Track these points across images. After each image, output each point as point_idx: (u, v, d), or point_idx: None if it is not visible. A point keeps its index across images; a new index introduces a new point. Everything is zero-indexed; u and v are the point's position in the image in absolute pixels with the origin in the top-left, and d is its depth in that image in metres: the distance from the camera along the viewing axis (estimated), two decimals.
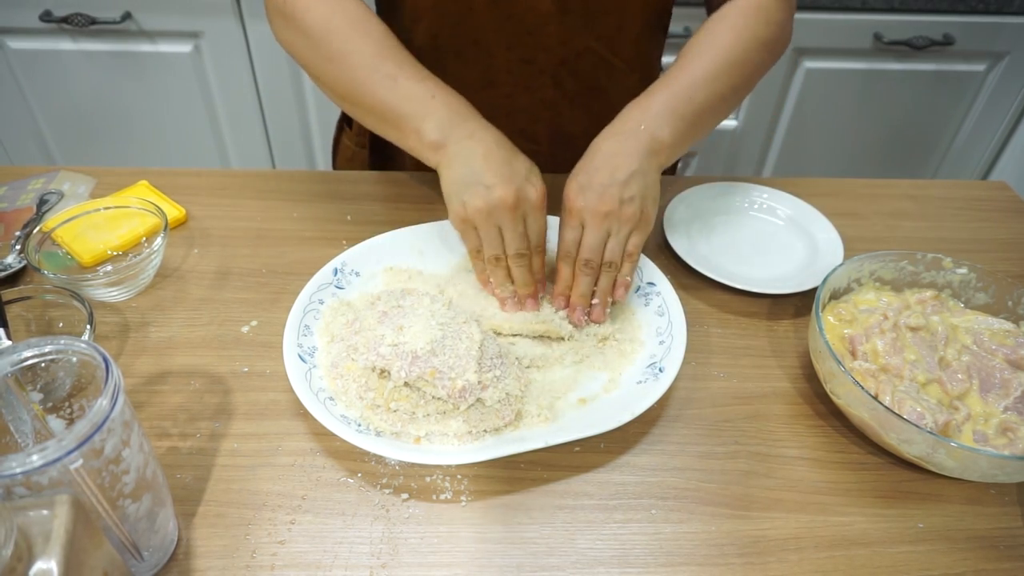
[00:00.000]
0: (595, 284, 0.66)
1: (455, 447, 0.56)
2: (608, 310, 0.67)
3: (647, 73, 0.89)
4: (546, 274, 0.70)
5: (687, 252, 0.75)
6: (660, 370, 0.61)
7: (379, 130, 0.72)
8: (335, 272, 0.69)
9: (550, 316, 0.66)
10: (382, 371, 0.57)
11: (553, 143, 0.89)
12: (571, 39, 0.80)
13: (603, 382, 0.62)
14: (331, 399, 0.58)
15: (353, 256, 0.71)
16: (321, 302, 0.66)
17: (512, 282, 0.67)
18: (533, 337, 0.66)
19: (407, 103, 0.67)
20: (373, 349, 0.57)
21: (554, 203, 0.68)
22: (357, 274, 0.70)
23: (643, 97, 0.69)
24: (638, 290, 0.70)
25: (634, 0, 0.79)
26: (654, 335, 0.65)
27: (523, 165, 0.66)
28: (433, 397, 0.56)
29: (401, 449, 0.54)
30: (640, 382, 0.61)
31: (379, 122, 0.70)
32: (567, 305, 0.67)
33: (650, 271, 0.70)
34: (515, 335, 0.66)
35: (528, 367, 0.62)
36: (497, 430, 0.57)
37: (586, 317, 0.67)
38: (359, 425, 0.56)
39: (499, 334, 0.66)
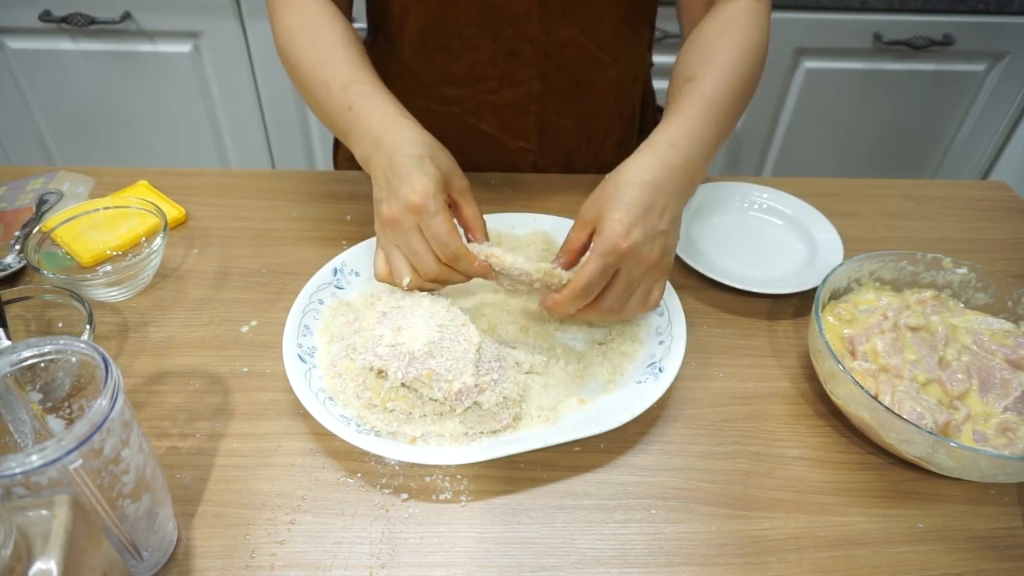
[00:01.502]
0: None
1: (456, 447, 0.56)
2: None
3: (632, 65, 0.89)
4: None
5: (687, 252, 0.75)
6: (660, 370, 0.61)
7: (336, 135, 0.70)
8: (335, 272, 0.69)
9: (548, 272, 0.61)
10: (380, 371, 0.57)
11: (542, 139, 0.90)
12: (553, 29, 0.80)
13: (603, 382, 0.62)
14: (330, 399, 0.58)
15: (353, 256, 0.71)
16: (321, 302, 0.66)
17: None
18: (534, 338, 0.66)
19: (334, 115, 0.65)
20: (371, 349, 0.57)
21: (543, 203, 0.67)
22: (357, 274, 0.70)
23: (679, 123, 0.61)
24: None
25: None
26: (654, 335, 0.65)
27: (409, 171, 0.58)
28: (430, 399, 0.56)
29: (402, 450, 0.54)
30: (640, 382, 0.61)
31: (332, 129, 0.69)
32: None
33: None
34: (511, 334, 0.66)
35: (528, 372, 0.62)
36: (495, 432, 0.57)
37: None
38: (359, 425, 0.56)
39: (496, 332, 0.66)
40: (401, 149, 0.59)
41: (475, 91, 0.85)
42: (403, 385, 0.56)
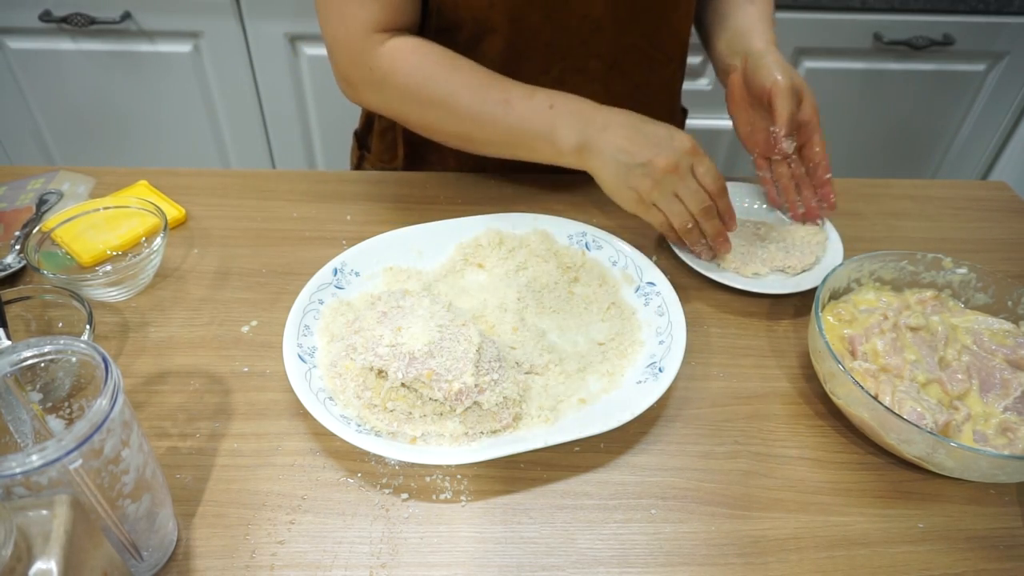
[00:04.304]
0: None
1: (456, 447, 0.56)
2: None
3: (682, 61, 0.91)
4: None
5: (686, 252, 0.75)
6: (660, 370, 0.61)
7: (504, 154, 0.75)
8: (335, 272, 0.69)
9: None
10: (380, 371, 0.57)
11: None
12: (621, 41, 0.80)
13: (603, 382, 0.62)
14: (331, 399, 0.58)
15: (353, 256, 0.71)
16: (321, 302, 0.66)
17: (705, 237, 0.71)
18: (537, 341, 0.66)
19: (529, 121, 0.71)
20: (371, 349, 0.57)
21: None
22: (357, 274, 0.70)
23: (769, 37, 0.80)
24: (637, 290, 0.70)
25: None
26: (654, 335, 0.65)
27: (662, 130, 0.68)
28: (430, 399, 0.56)
29: (402, 450, 0.54)
30: (640, 382, 0.61)
31: (503, 147, 0.74)
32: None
33: (650, 271, 0.70)
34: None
35: (528, 372, 0.62)
36: (495, 432, 0.57)
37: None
38: (359, 425, 0.56)
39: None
40: (642, 119, 0.69)
41: None
42: (403, 385, 0.56)
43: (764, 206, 0.84)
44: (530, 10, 0.75)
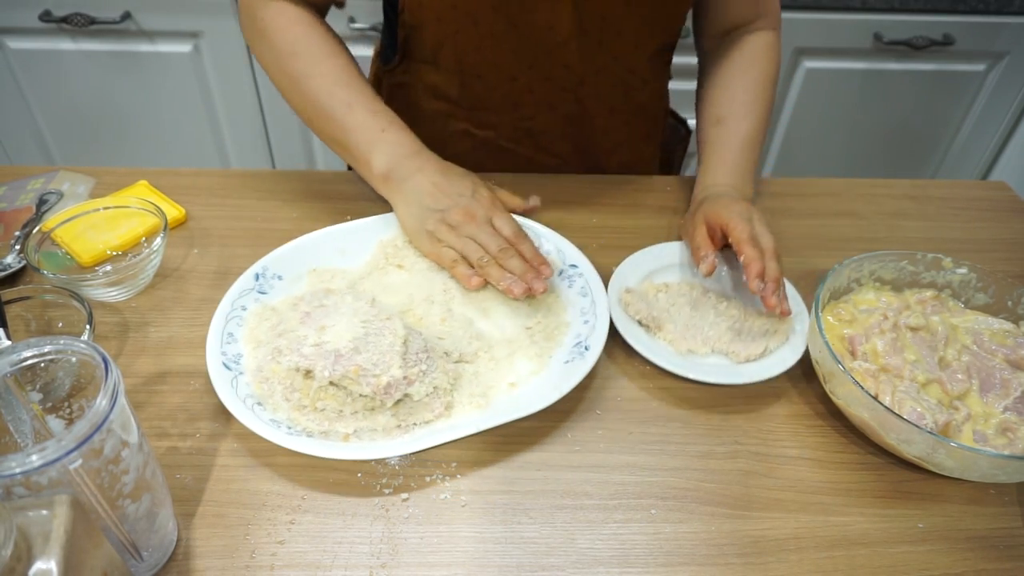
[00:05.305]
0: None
1: (390, 440, 0.56)
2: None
3: (658, 88, 0.91)
4: None
5: (623, 322, 0.66)
6: (586, 348, 0.62)
7: (332, 148, 0.78)
8: (256, 277, 0.68)
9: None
10: (307, 371, 0.57)
11: (578, 156, 0.91)
12: (589, 58, 0.80)
13: (532, 364, 0.63)
14: (259, 404, 0.57)
15: (275, 260, 0.70)
16: (244, 308, 0.65)
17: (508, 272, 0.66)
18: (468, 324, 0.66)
19: (359, 132, 0.73)
20: (296, 350, 0.57)
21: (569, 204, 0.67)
22: (280, 278, 0.69)
23: (730, 168, 0.78)
24: (561, 273, 0.71)
25: (647, 21, 0.79)
26: (579, 315, 0.66)
27: (467, 185, 0.72)
28: (359, 395, 0.56)
29: (335, 448, 0.54)
30: (567, 361, 0.62)
31: (331, 143, 0.77)
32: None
33: (572, 254, 0.72)
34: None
35: (457, 361, 0.62)
36: (427, 422, 0.58)
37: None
38: (289, 428, 0.56)
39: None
40: (455, 171, 0.73)
41: (512, 118, 0.85)
42: (331, 383, 0.56)
43: (733, 281, 0.73)
44: (493, 15, 0.75)
